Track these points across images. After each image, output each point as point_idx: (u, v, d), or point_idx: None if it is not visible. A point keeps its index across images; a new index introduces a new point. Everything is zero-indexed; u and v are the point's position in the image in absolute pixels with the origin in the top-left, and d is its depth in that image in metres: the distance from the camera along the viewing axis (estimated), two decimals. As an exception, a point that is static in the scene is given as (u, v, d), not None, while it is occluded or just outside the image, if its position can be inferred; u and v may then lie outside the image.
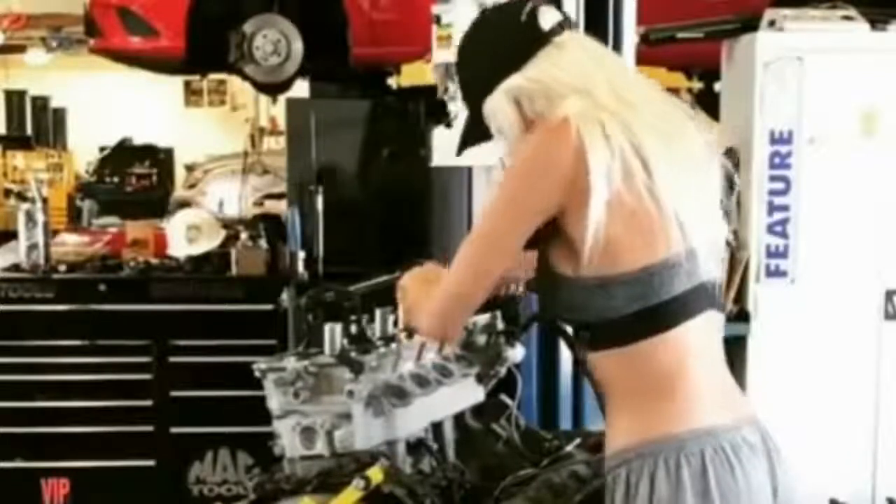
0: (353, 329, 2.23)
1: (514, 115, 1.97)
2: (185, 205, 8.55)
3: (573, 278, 1.92)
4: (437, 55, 4.21)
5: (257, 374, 2.17)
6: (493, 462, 2.40)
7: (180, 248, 5.57)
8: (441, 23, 4.16)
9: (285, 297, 5.09)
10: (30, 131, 14.78)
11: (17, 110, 15.29)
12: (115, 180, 12.45)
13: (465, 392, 2.41)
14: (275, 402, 2.17)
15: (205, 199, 9.69)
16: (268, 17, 6.33)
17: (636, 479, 1.90)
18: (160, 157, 13.26)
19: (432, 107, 4.60)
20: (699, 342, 1.96)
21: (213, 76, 13.76)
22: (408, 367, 2.27)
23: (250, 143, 12.68)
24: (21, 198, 7.68)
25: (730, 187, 2.04)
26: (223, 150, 12.20)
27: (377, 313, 2.36)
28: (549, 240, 1.96)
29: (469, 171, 4.30)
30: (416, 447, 2.31)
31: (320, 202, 5.28)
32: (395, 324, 2.36)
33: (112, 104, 15.23)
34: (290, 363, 2.16)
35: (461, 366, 2.35)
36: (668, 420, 1.91)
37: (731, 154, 4.15)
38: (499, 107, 1.98)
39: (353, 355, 2.14)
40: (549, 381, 4.19)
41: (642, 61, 4.08)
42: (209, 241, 5.60)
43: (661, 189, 1.88)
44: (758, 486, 1.93)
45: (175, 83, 15.84)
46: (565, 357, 3.89)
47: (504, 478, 2.28)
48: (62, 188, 11.44)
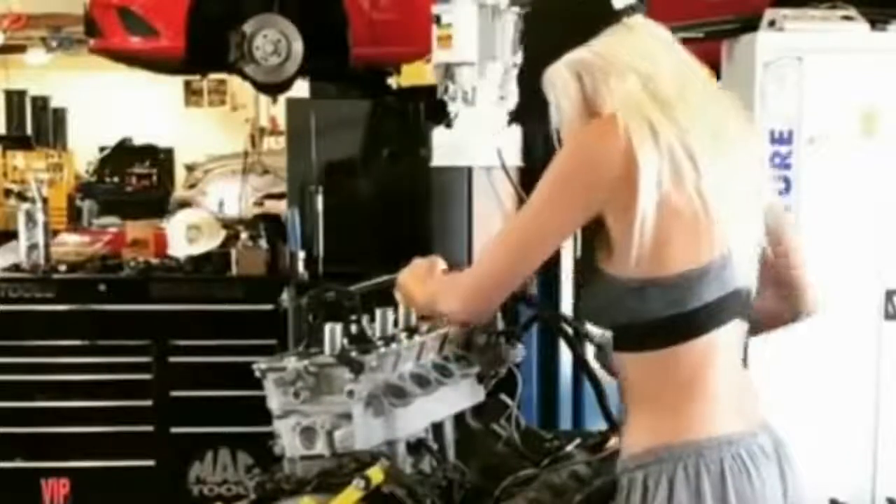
0: (353, 329, 2.23)
1: (575, 89, 1.95)
2: (185, 205, 8.55)
3: (616, 278, 1.90)
4: (437, 55, 4.21)
5: (257, 374, 2.17)
6: (493, 462, 2.39)
7: (180, 248, 5.57)
8: (441, 23, 4.16)
9: (285, 297, 5.09)
10: (30, 131, 14.73)
11: (17, 110, 15.25)
12: (115, 180, 12.44)
13: (466, 392, 2.40)
14: (275, 402, 2.17)
15: (205, 199, 9.69)
16: (268, 17, 6.32)
17: (654, 483, 1.89)
18: (160, 157, 13.27)
19: (432, 107, 4.60)
20: (725, 348, 1.95)
21: (213, 76, 13.75)
22: (408, 367, 2.27)
23: (250, 143, 12.67)
24: (21, 198, 7.68)
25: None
26: (223, 150, 12.20)
27: (377, 313, 2.35)
28: (594, 238, 1.94)
29: (469, 171, 4.30)
30: (416, 447, 2.31)
31: (320, 202, 5.28)
32: (395, 324, 2.36)
33: (112, 104, 15.21)
34: (291, 363, 2.15)
35: (461, 366, 2.34)
36: (688, 426, 1.91)
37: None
38: (560, 79, 1.96)
39: (353, 355, 2.14)
40: (549, 381, 4.20)
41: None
42: (209, 241, 5.60)
43: (709, 190, 1.86)
44: (772, 492, 1.94)
45: (175, 83, 15.83)
46: (565, 357, 3.90)
47: (504, 478, 2.27)
48: (62, 188, 11.40)
